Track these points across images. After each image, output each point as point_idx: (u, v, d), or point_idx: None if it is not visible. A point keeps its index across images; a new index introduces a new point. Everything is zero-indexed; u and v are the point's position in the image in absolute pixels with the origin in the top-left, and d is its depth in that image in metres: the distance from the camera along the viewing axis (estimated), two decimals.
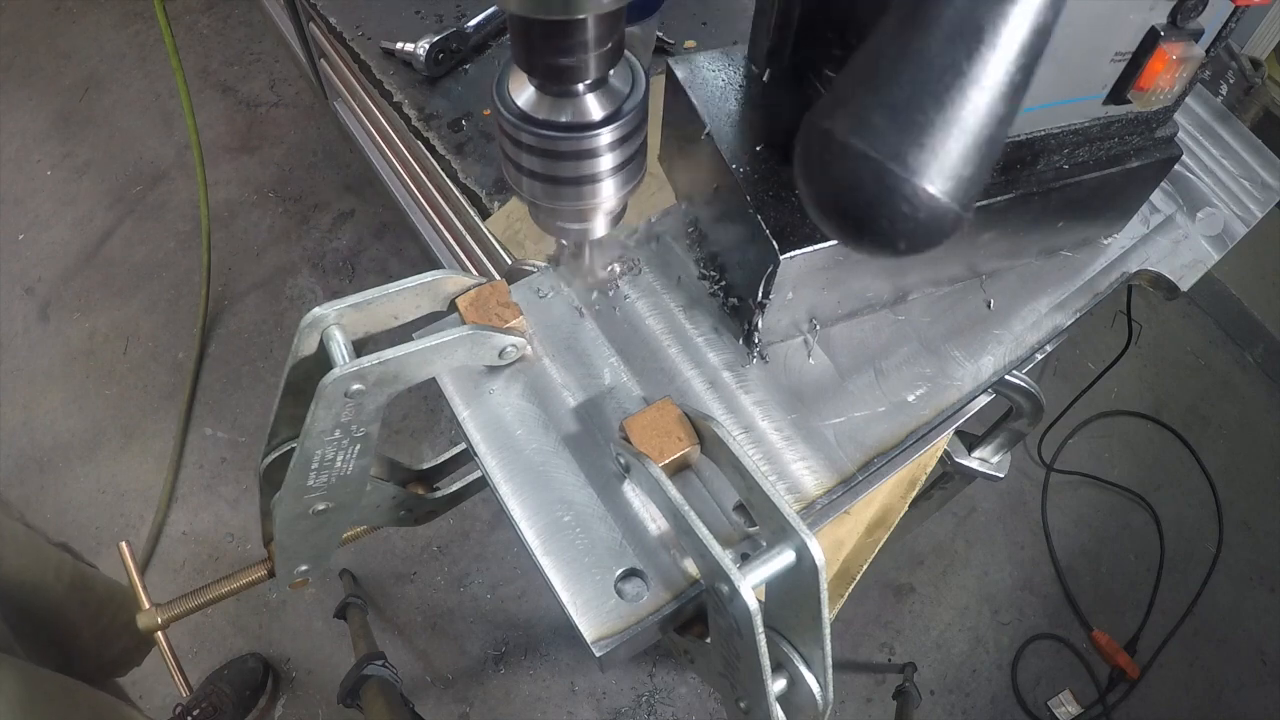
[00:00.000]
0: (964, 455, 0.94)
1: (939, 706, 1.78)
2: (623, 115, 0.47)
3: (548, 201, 0.52)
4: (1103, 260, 0.75)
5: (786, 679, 0.51)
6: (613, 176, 0.50)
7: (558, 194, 0.51)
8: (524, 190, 0.52)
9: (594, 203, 0.51)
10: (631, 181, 0.52)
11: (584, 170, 0.49)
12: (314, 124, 2.44)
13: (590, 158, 0.48)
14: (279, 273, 2.21)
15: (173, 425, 1.97)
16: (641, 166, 0.53)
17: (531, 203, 0.54)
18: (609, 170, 0.50)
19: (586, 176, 0.49)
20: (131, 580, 0.75)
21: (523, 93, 0.47)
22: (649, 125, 0.51)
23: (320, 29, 1.45)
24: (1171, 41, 0.54)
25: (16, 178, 2.34)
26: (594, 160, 0.49)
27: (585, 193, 0.50)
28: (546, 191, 0.51)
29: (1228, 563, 1.96)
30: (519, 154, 0.49)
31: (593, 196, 0.51)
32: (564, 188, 0.50)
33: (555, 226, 0.56)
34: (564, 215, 0.54)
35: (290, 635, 1.79)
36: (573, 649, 1.79)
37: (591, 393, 0.63)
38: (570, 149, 0.48)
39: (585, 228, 0.55)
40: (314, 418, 0.53)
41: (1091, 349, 2.17)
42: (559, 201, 0.51)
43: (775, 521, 0.49)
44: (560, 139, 0.47)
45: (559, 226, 0.55)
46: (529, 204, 0.55)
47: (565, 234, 0.57)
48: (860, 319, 0.69)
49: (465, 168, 1.12)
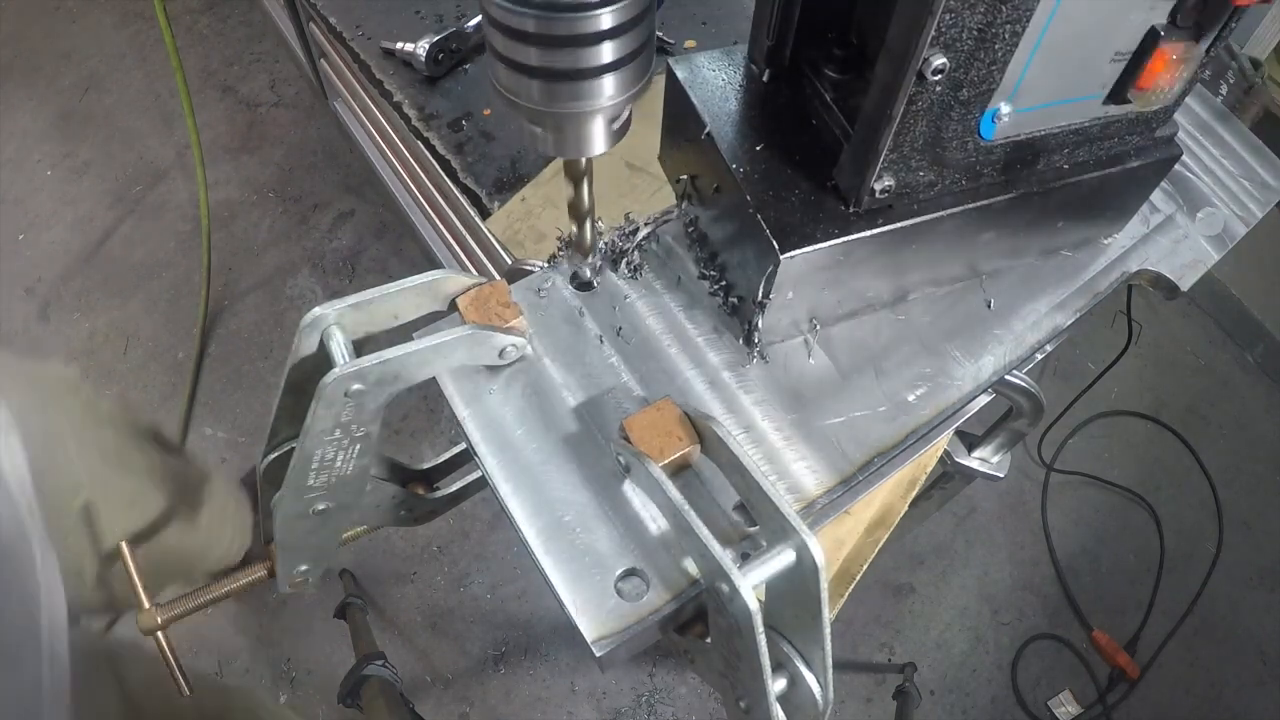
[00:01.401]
0: (964, 455, 0.94)
1: (939, 706, 1.78)
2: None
3: (542, 104, 0.47)
4: (1103, 260, 0.75)
5: (787, 679, 0.51)
6: (614, 72, 0.45)
7: (552, 93, 0.46)
8: (519, 94, 0.47)
9: (594, 104, 0.46)
10: (636, 83, 0.47)
11: (582, 60, 0.44)
12: (314, 124, 2.43)
13: (589, 45, 0.43)
14: (279, 273, 2.21)
15: (173, 425, 1.97)
16: (647, 69, 0.48)
17: (528, 112, 0.48)
18: (610, 63, 0.45)
19: (586, 70, 0.45)
20: (131, 580, 0.75)
21: None
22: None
23: (320, 29, 1.45)
24: (1171, 41, 0.54)
25: (16, 178, 2.34)
26: (593, 49, 0.44)
27: (583, 90, 0.46)
28: (539, 90, 0.46)
29: (1228, 563, 1.96)
30: (511, 46, 0.44)
31: (592, 96, 0.46)
32: (559, 85, 0.45)
33: (550, 142, 0.51)
34: (560, 122, 0.49)
35: (290, 635, 1.78)
36: (573, 649, 1.79)
37: (591, 393, 0.63)
38: (566, 31, 0.43)
39: (584, 138, 0.50)
40: (314, 417, 0.53)
41: (1091, 349, 2.17)
42: (554, 103, 0.46)
43: (775, 521, 0.49)
44: (556, 19, 0.42)
45: (555, 141, 0.51)
46: (526, 124, 0.50)
47: (563, 148, 0.51)
48: (860, 319, 0.69)
49: (465, 168, 1.12)
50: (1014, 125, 0.58)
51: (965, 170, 0.60)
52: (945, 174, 0.59)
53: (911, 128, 0.54)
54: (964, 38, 0.49)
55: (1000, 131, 0.58)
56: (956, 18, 0.48)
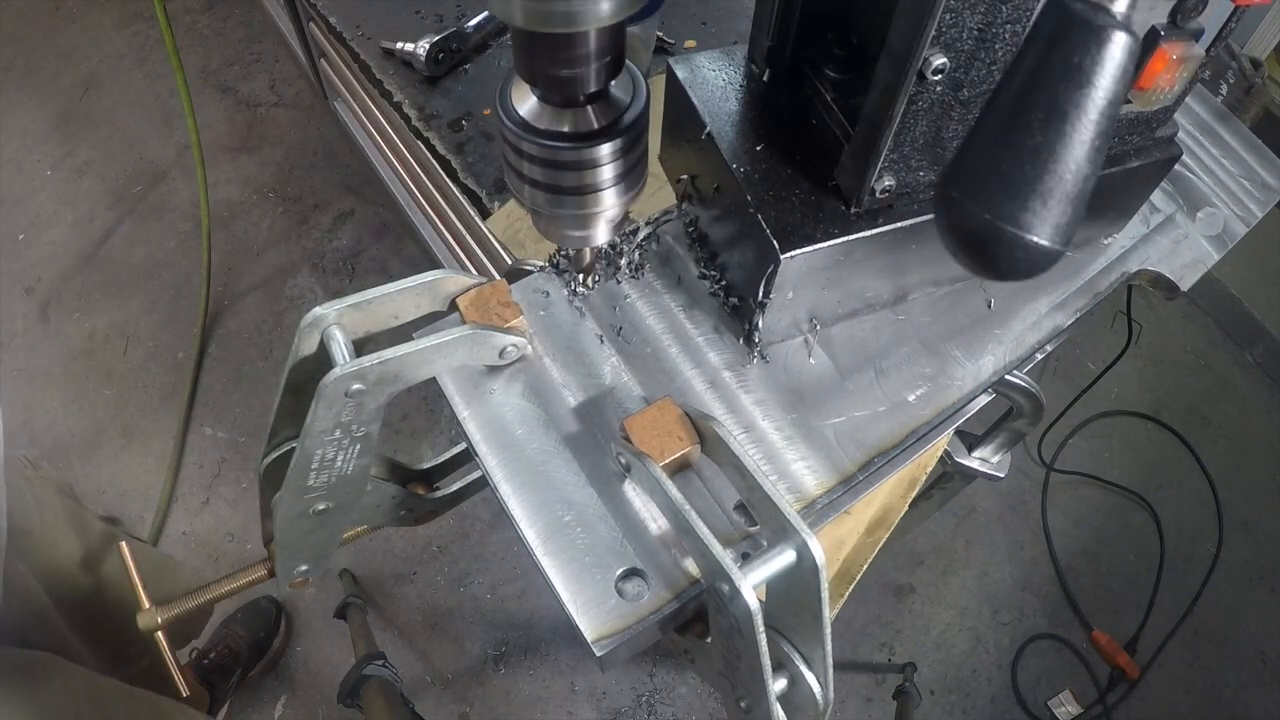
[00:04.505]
0: (964, 455, 0.94)
1: (939, 706, 1.78)
2: (623, 125, 0.48)
3: (549, 209, 0.52)
4: (1103, 260, 0.75)
5: (787, 678, 0.51)
6: (614, 186, 0.51)
7: (559, 202, 0.51)
8: (526, 198, 0.53)
9: (595, 211, 0.52)
10: (632, 190, 0.53)
11: (585, 180, 0.50)
12: (314, 124, 2.43)
13: (591, 167, 0.49)
14: (279, 273, 2.21)
15: (173, 425, 1.97)
16: (642, 175, 0.53)
17: (533, 210, 0.54)
18: (610, 180, 0.50)
19: (588, 186, 0.50)
20: (131, 580, 0.75)
21: (525, 102, 0.48)
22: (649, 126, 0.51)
23: (320, 29, 1.45)
24: (1171, 41, 0.54)
25: (16, 178, 2.34)
26: (595, 170, 0.49)
27: (586, 201, 0.51)
28: (548, 200, 0.51)
29: (1228, 563, 1.96)
30: (520, 162, 0.50)
31: (594, 205, 0.51)
32: (565, 196, 0.51)
33: (557, 234, 0.56)
34: (565, 223, 0.54)
35: (292, 638, 1.79)
36: (573, 649, 1.79)
37: (592, 392, 0.63)
38: (571, 159, 0.48)
39: (587, 235, 0.55)
40: (314, 417, 0.53)
41: (1091, 349, 2.17)
42: (560, 210, 0.52)
43: (776, 521, 0.49)
44: (562, 149, 0.48)
45: (561, 234, 0.56)
46: (530, 211, 0.55)
47: (567, 241, 0.57)
48: (860, 319, 0.69)
49: (465, 168, 1.12)
50: None
51: None
52: None
53: (912, 128, 0.54)
54: (964, 38, 0.49)
55: None
56: (957, 18, 0.48)
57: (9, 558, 0.85)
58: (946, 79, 0.51)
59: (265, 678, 1.74)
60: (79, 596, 1.06)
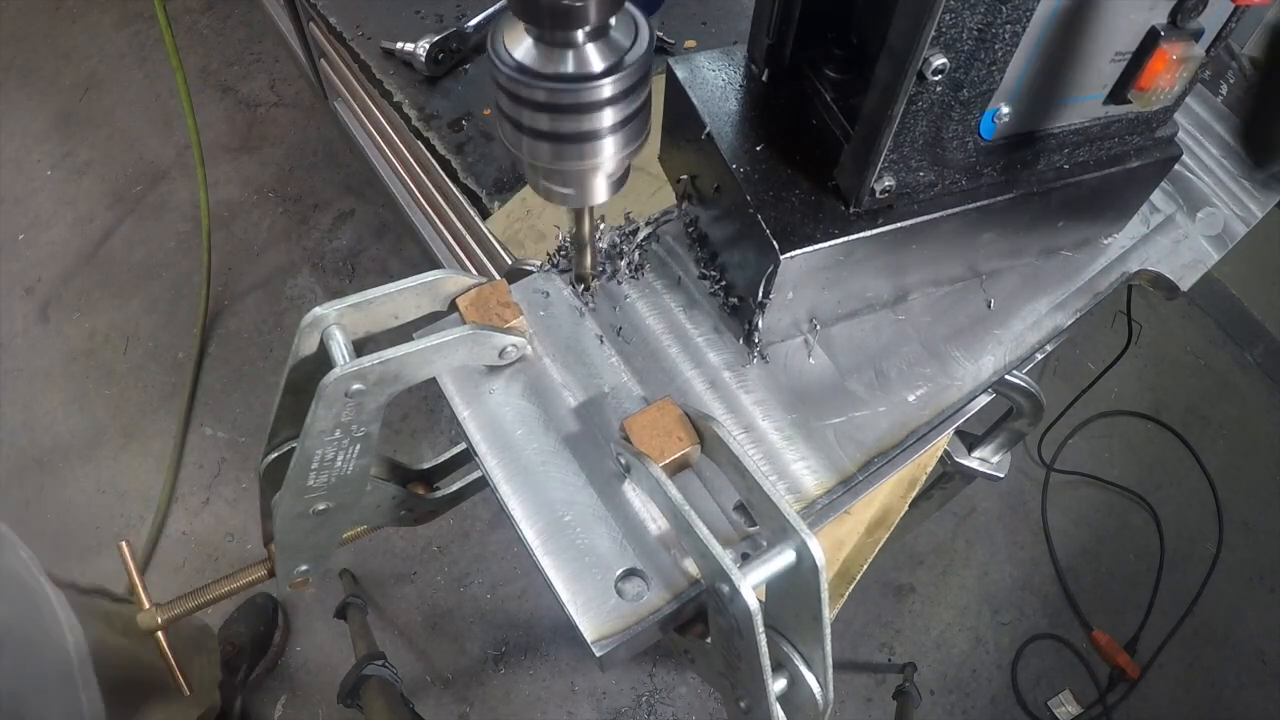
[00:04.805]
0: (964, 455, 0.94)
1: (939, 706, 1.78)
2: (625, 66, 0.45)
3: (547, 161, 0.49)
4: (1103, 260, 0.75)
5: (787, 679, 0.51)
6: (614, 135, 0.48)
7: (558, 153, 0.48)
8: (523, 151, 0.49)
9: (595, 162, 0.49)
10: (634, 141, 0.50)
11: (585, 125, 0.47)
12: (314, 124, 2.44)
13: (591, 111, 0.46)
14: (279, 273, 2.21)
15: (172, 425, 1.97)
16: (645, 127, 0.50)
17: (530, 165, 0.51)
18: (611, 125, 0.47)
19: (588, 133, 0.47)
20: (131, 580, 0.75)
21: (520, 45, 0.45)
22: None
23: (320, 29, 1.45)
24: (1171, 41, 0.54)
25: (16, 178, 2.34)
26: (597, 114, 0.46)
27: (586, 151, 0.48)
28: (545, 150, 0.49)
29: (1228, 563, 1.96)
30: (517, 110, 0.47)
31: (594, 155, 0.49)
32: (564, 145, 0.48)
33: (555, 192, 0.53)
34: (564, 178, 0.52)
35: (290, 635, 1.79)
36: (573, 649, 1.79)
37: (591, 393, 0.63)
38: (570, 101, 0.45)
39: (586, 192, 0.53)
40: (314, 417, 0.53)
41: (1091, 349, 2.17)
42: (559, 161, 0.49)
43: (776, 521, 0.49)
44: (561, 90, 0.45)
45: (559, 192, 0.53)
46: (528, 168, 0.52)
47: (566, 200, 0.54)
48: (860, 319, 0.69)
49: (465, 168, 1.12)
50: (1014, 125, 0.58)
51: (965, 170, 0.60)
52: (945, 174, 0.59)
53: (912, 128, 0.54)
54: (964, 38, 0.49)
55: (1000, 132, 0.58)
56: (956, 18, 0.48)
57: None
58: (946, 79, 0.51)
59: (265, 677, 1.74)
60: (121, 682, 1.02)
